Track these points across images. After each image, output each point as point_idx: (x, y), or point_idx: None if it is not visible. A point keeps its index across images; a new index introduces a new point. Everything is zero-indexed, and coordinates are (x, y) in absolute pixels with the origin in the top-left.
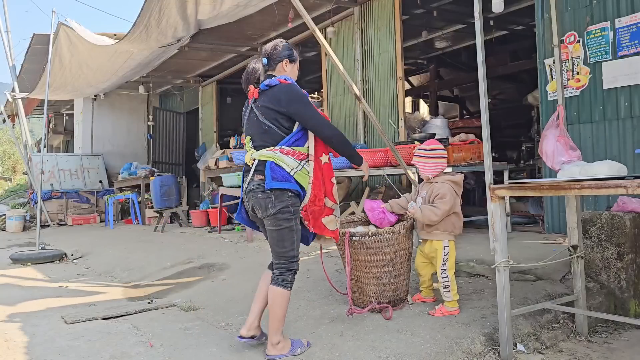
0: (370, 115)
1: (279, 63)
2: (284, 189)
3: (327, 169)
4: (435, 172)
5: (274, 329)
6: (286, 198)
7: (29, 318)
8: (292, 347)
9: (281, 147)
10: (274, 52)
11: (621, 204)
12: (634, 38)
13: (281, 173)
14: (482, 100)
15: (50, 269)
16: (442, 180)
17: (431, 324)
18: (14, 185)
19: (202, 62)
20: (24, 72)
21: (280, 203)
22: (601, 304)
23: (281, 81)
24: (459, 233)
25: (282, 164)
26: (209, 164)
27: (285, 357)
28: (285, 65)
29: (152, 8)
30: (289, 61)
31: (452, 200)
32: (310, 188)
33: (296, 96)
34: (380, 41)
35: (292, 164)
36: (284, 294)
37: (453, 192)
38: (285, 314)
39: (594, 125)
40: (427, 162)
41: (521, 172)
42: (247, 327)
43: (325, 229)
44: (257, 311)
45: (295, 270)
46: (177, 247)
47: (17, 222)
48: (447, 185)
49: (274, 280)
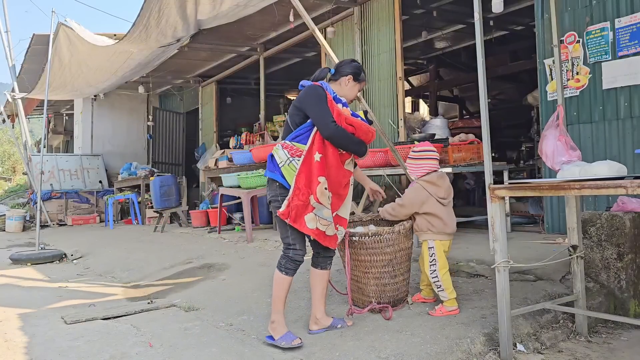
0: (370, 116)
1: (342, 77)
2: (273, 179)
3: (317, 168)
4: (421, 172)
5: (273, 308)
6: (275, 187)
7: (29, 318)
8: (282, 336)
9: (285, 141)
10: (343, 67)
11: (621, 204)
12: (633, 38)
13: (272, 164)
14: (482, 100)
15: (50, 269)
16: (416, 180)
17: (431, 324)
18: (13, 186)
19: (202, 62)
20: (23, 72)
21: (271, 192)
22: (601, 304)
23: (314, 83)
24: (441, 231)
25: (276, 156)
26: (209, 164)
27: (273, 342)
28: (347, 81)
29: (152, 8)
30: (352, 79)
31: (414, 198)
32: (294, 180)
33: (312, 93)
34: (380, 41)
35: (282, 157)
36: (278, 276)
37: (421, 192)
38: (282, 296)
39: (594, 126)
40: (415, 163)
41: (521, 172)
42: (312, 320)
43: (305, 225)
44: (315, 302)
45: (291, 258)
46: (177, 247)
47: (17, 222)
48: (416, 185)
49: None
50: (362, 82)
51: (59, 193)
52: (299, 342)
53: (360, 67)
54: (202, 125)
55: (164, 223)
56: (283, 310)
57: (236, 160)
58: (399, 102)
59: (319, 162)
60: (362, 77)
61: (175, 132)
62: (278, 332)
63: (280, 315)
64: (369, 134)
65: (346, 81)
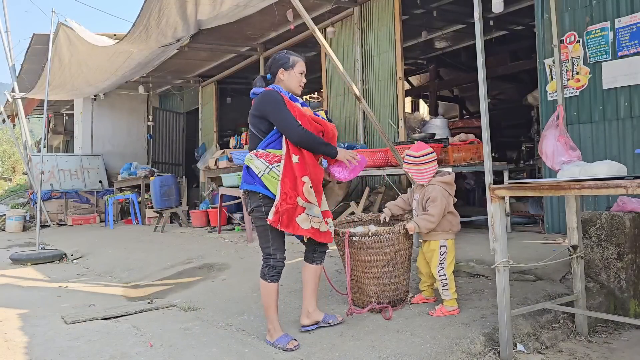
0: (370, 116)
1: (276, 75)
2: (253, 191)
3: (298, 169)
4: (427, 177)
5: (267, 316)
6: (257, 199)
7: (29, 318)
8: (278, 339)
9: (257, 150)
10: (271, 66)
11: (621, 204)
12: (633, 38)
13: (249, 176)
14: (482, 100)
15: (50, 269)
16: (433, 182)
17: (431, 324)
18: (13, 185)
19: (202, 62)
20: (23, 72)
21: (253, 203)
22: (601, 304)
23: (266, 89)
24: (457, 230)
25: (252, 167)
26: (209, 164)
27: (269, 344)
28: (281, 75)
29: (152, 8)
30: (283, 70)
31: (444, 201)
32: (279, 186)
33: (269, 99)
34: (380, 41)
35: (260, 167)
36: (264, 285)
37: (444, 193)
38: (272, 303)
39: (594, 126)
40: (419, 168)
41: (521, 172)
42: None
43: (299, 227)
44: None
45: (272, 266)
46: (177, 247)
47: (17, 222)
48: (439, 188)
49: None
50: (296, 65)
51: (59, 193)
52: (295, 345)
53: (283, 54)
54: (202, 125)
55: (164, 223)
56: (276, 317)
57: (236, 160)
58: (399, 102)
59: (298, 163)
60: (292, 60)
61: (175, 132)
62: (274, 335)
63: (275, 322)
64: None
65: (280, 77)
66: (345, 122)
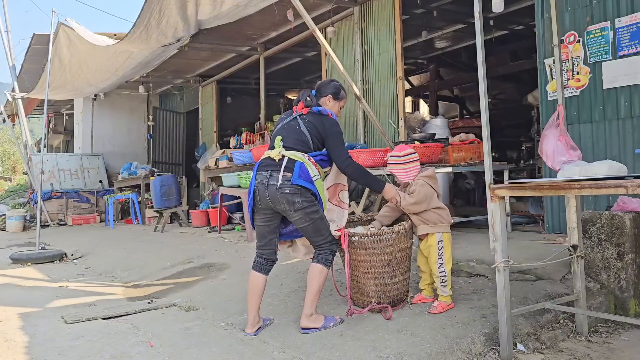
0: (370, 115)
1: (322, 98)
2: (307, 188)
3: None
4: (411, 176)
5: (309, 301)
6: (309, 195)
7: (29, 318)
8: (325, 321)
9: (310, 156)
10: (322, 88)
11: (621, 204)
12: (634, 38)
13: (307, 175)
14: (482, 100)
15: (50, 269)
16: (417, 178)
17: (431, 324)
18: (14, 185)
19: (202, 62)
20: (24, 72)
21: (306, 199)
22: (601, 303)
23: (329, 115)
24: (449, 222)
25: (309, 169)
26: (209, 164)
27: (317, 331)
28: (328, 101)
29: (152, 8)
30: (332, 98)
31: (424, 188)
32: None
33: (337, 131)
34: (380, 41)
35: (314, 172)
36: (323, 270)
37: (425, 185)
38: (320, 289)
39: (594, 125)
40: (403, 168)
41: (521, 172)
42: (250, 324)
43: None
44: (256, 307)
45: (335, 252)
46: (177, 247)
47: (17, 222)
48: (420, 181)
49: (315, 259)
50: (342, 100)
51: (59, 193)
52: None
53: (340, 86)
54: (202, 125)
55: (164, 223)
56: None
57: (236, 160)
58: (399, 101)
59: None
60: (342, 94)
61: (176, 132)
62: (319, 321)
63: (315, 308)
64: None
65: (326, 101)
66: (346, 122)
